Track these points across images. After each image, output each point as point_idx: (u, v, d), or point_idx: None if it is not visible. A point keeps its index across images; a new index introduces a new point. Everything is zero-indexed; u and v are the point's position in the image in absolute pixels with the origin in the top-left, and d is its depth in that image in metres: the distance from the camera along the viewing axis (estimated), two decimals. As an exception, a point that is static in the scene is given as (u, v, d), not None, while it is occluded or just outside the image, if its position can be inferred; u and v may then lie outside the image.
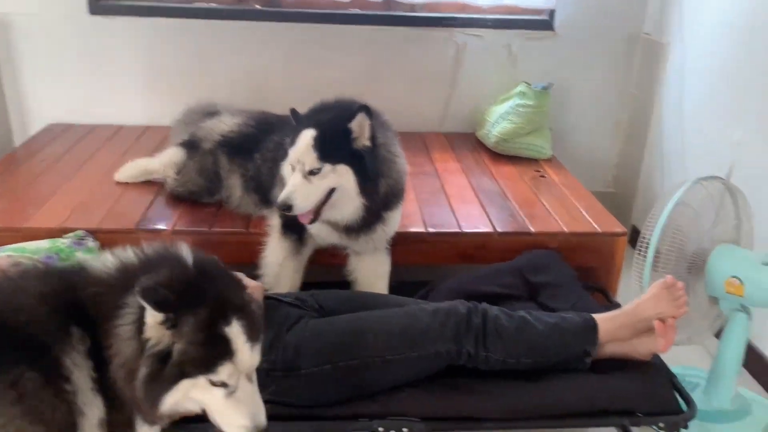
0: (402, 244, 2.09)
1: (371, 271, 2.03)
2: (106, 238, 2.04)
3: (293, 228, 1.99)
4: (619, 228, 2.21)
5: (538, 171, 2.73)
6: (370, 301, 1.80)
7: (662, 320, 1.67)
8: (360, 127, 1.79)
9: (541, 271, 2.05)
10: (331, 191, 1.80)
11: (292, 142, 1.80)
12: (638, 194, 3.15)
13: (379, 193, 1.85)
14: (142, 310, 1.12)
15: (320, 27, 3.03)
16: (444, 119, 3.21)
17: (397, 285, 2.07)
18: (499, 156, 2.85)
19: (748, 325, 1.89)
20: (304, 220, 1.82)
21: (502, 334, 1.62)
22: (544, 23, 3.09)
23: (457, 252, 2.18)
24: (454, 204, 2.35)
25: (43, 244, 1.95)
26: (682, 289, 1.68)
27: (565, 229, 2.19)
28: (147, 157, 2.44)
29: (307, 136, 1.77)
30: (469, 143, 3.02)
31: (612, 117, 3.25)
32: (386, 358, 1.58)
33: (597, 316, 1.71)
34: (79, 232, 2.02)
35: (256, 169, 2.15)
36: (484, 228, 2.18)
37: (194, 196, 2.25)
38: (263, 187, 2.13)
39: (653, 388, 1.65)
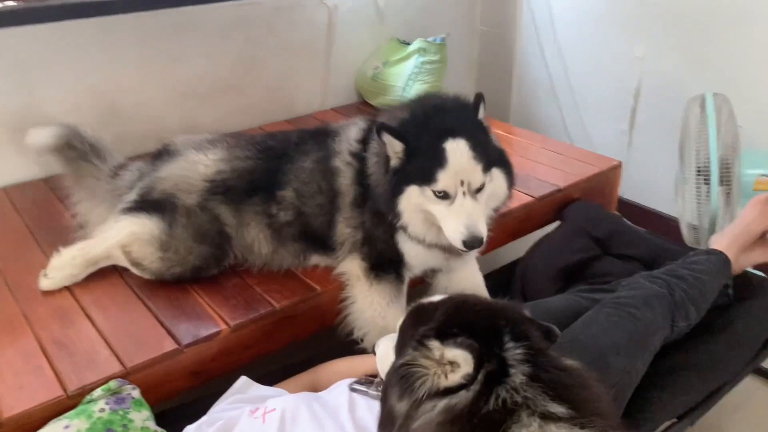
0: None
1: (470, 283, 1.75)
2: (145, 379, 1.37)
3: (387, 266, 1.60)
4: (614, 161, 2.28)
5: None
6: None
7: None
8: (486, 118, 1.47)
9: (595, 224, 2.01)
10: None
11: (432, 162, 1.38)
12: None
13: (510, 191, 1.58)
14: None
15: (172, 12, 2.36)
16: (326, 95, 2.85)
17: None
18: (421, 120, 2.66)
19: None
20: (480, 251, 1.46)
21: (692, 300, 1.57)
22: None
23: (505, 231, 2.00)
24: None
25: (78, 423, 1.22)
26: (788, 199, 1.82)
27: (583, 177, 2.17)
28: (77, 242, 1.66)
29: (463, 147, 1.39)
30: (371, 115, 2.75)
31: (464, 56, 3.27)
32: (630, 370, 1.41)
33: (721, 247, 1.76)
34: (112, 383, 1.31)
35: (294, 210, 1.64)
36: (524, 199, 2.04)
37: (198, 273, 1.63)
38: (311, 229, 1.64)
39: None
